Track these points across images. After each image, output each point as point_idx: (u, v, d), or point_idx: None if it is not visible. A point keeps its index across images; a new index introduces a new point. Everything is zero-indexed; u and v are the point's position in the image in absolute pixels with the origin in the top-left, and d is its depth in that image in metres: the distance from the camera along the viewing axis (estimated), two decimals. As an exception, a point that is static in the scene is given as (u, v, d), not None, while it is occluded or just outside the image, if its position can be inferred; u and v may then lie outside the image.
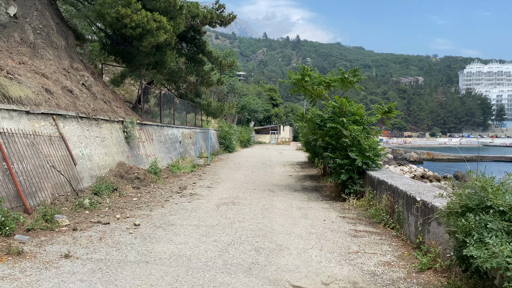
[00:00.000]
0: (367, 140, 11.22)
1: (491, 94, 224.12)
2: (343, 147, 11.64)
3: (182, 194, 11.78)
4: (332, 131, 11.58)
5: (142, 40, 15.38)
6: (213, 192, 12.37)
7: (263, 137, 69.02)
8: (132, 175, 12.60)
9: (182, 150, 22.25)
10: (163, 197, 11.24)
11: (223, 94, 50.56)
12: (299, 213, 9.55)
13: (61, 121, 10.36)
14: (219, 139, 36.65)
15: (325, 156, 15.67)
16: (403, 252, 6.39)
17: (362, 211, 9.73)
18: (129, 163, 13.59)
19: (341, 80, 12.24)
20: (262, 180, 16.08)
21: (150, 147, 16.76)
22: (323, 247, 6.66)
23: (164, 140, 19.32)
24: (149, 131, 17.39)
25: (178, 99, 26.94)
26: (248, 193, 12.48)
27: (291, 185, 14.67)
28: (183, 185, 13.41)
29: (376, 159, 11.22)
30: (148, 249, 6.32)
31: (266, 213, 9.37)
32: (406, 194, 7.25)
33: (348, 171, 11.10)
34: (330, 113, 12.29)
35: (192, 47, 27.35)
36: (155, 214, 8.98)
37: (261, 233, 7.50)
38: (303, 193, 12.83)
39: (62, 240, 6.60)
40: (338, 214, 9.52)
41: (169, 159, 19.03)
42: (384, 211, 8.32)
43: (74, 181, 9.88)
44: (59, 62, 12.74)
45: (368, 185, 10.65)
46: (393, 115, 11.84)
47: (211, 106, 31.93)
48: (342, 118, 11.15)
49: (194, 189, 12.87)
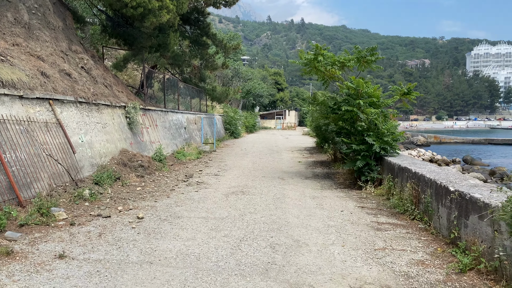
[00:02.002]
0: (385, 124, 10.50)
1: (499, 76, 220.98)
2: (358, 132, 10.93)
3: (189, 183, 11.16)
4: (347, 114, 10.85)
5: (144, 21, 14.61)
6: (221, 180, 11.74)
7: (268, 122, 68.24)
8: (136, 163, 11.98)
9: (187, 136, 21.61)
10: (169, 186, 10.62)
11: (227, 78, 49.67)
12: (314, 203, 8.90)
13: (58, 107, 9.70)
14: (225, 124, 35.97)
15: (337, 142, 14.98)
16: (435, 248, 5.73)
17: (381, 200, 9.06)
18: (132, 150, 12.97)
19: (357, 59, 11.45)
20: (271, 166, 15.43)
21: (154, 133, 16.11)
22: (345, 242, 6.02)
23: (169, 126, 18.67)
24: (153, 116, 16.72)
25: (182, 84, 26.22)
26: (257, 181, 11.85)
27: (302, 172, 14.01)
28: (189, 173, 12.79)
29: (394, 144, 10.51)
30: (152, 246, 5.69)
31: (278, 203, 8.73)
32: (435, 183, 6.56)
33: (365, 157, 10.41)
34: (344, 96, 11.54)
35: (196, 30, 26.54)
36: (160, 205, 8.37)
37: (275, 226, 6.87)
38: (315, 180, 12.17)
39: (58, 237, 5.99)
40: (356, 203, 8.87)
41: (174, 146, 18.40)
42: (408, 201, 7.64)
43: (73, 170, 9.26)
44: (56, 44, 12.03)
45: (386, 172, 9.96)
46: (412, 97, 11.07)
47: (216, 90, 31.18)
48: (358, 101, 10.40)
49: (201, 177, 12.25)
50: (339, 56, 11.91)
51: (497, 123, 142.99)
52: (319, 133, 17.50)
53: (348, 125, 11.66)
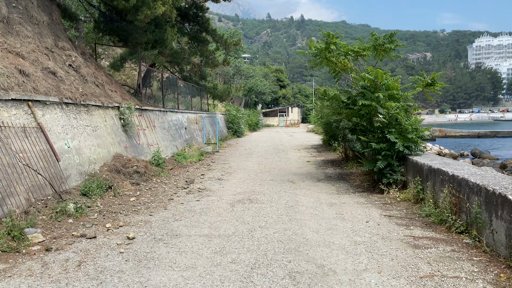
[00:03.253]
0: (408, 119, 9.33)
1: (501, 67, 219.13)
2: (377, 129, 9.78)
3: (189, 190, 10.02)
4: (364, 109, 9.68)
5: (138, 14, 13.48)
6: (225, 186, 10.61)
7: (271, 120, 67.09)
8: (131, 169, 10.86)
9: (188, 137, 20.48)
10: (167, 194, 9.49)
11: (229, 76, 48.53)
12: (332, 211, 7.76)
13: (40, 109, 8.58)
14: (227, 123, 34.85)
15: (349, 139, 13.82)
16: (496, 274, 4.58)
17: (409, 207, 7.91)
18: (127, 154, 11.85)
19: (373, 48, 10.29)
20: (278, 168, 14.29)
21: (152, 135, 15.00)
22: (381, 267, 4.87)
23: (168, 127, 17.54)
24: (151, 117, 15.60)
25: (182, 82, 25.11)
26: (265, 185, 10.71)
27: (312, 173, 12.87)
28: (190, 178, 11.67)
29: (419, 141, 9.34)
30: (142, 280, 4.56)
31: (291, 213, 7.60)
32: (485, 190, 5.40)
33: (386, 157, 9.25)
34: (359, 89, 10.39)
35: (194, 26, 25.45)
36: (156, 219, 7.24)
37: (292, 245, 5.73)
38: (328, 183, 11.03)
39: (27, 269, 4.86)
40: (381, 211, 7.72)
41: (174, 148, 17.28)
42: (446, 209, 6.49)
43: (57, 181, 8.14)
44: (40, 40, 10.91)
45: (412, 174, 8.80)
46: (437, 88, 9.89)
47: (217, 88, 30.04)
48: (377, 94, 9.23)
49: (203, 183, 11.12)
50: (352, 45, 10.75)
51: (500, 115, 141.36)
52: (328, 130, 16.30)
53: (364, 121, 10.51)
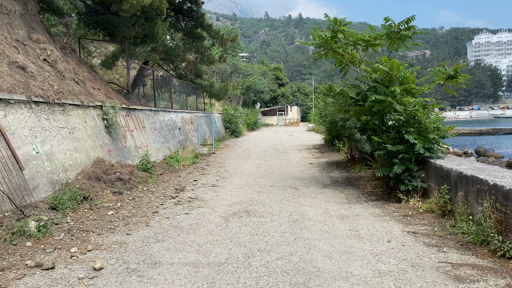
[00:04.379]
0: (429, 116, 8.11)
1: (501, 64, 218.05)
2: (392, 128, 8.57)
3: (178, 200, 8.79)
4: (377, 106, 8.45)
5: (122, 3, 12.25)
6: (219, 194, 9.38)
7: (270, 119, 65.87)
8: (113, 176, 9.63)
9: (182, 138, 19.24)
10: (152, 206, 8.25)
11: (226, 74, 47.27)
12: (345, 227, 6.55)
13: (1, 108, 7.34)
14: (225, 123, 33.61)
15: (357, 139, 12.62)
16: None
17: (435, 221, 6.69)
18: (110, 159, 10.62)
19: (387, 36, 9.07)
20: (279, 171, 13.07)
21: (141, 137, 13.76)
22: (421, 313, 3.66)
23: (160, 128, 16.31)
24: (140, 117, 14.36)
25: (176, 80, 23.89)
26: (265, 193, 9.49)
27: (317, 178, 11.66)
28: (181, 185, 10.44)
29: (441, 143, 8.13)
30: None
31: (297, 230, 6.39)
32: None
33: (403, 160, 8.03)
34: (370, 83, 9.18)
35: (189, 21, 24.24)
36: (133, 240, 6.00)
37: (299, 278, 4.51)
38: (336, 189, 9.81)
39: None
40: (403, 226, 6.51)
41: (167, 150, 16.05)
42: (489, 227, 5.27)
43: (19, 193, 6.91)
44: (10, 31, 9.67)
45: (434, 180, 7.59)
46: (460, 81, 8.66)
47: (214, 87, 28.80)
48: (393, 88, 8.00)
49: (195, 191, 9.89)
50: (362, 33, 9.53)
51: (500, 112, 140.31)
52: (333, 129, 15.03)
53: (377, 120, 9.30)
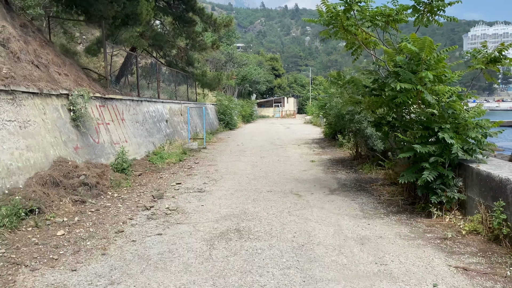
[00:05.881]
0: (469, 111, 6.43)
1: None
2: (421, 124, 6.89)
3: (153, 212, 7.06)
4: (401, 96, 6.76)
5: (95, -26, 10.43)
6: (206, 204, 7.67)
7: (266, 111, 64.07)
8: (76, 180, 7.88)
9: (170, 131, 17.47)
10: (118, 221, 6.52)
11: (220, 64, 45.30)
12: (369, 257, 4.88)
13: None
14: (218, 114, 31.81)
15: (367, 135, 10.93)
16: None
17: (487, 247, 5.04)
18: (76, 158, 8.87)
19: (414, 9, 7.34)
20: (277, 171, 11.40)
21: (119, 131, 12.00)
22: None
23: (143, 120, 14.53)
24: (119, 108, 12.59)
25: (166, 68, 22.09)
26: (262, 201, 7.80)
27: (321, 180, 9.99)
28: (160, 191, 8.71)
29: (484, 143, 6.46)
30: None
31: (305, 264, 4.71)
32: None
33: (435, 164, 6.36)
34: (390, 69, 7.48)
35: (180, 4, 22.41)
36: (76, 283, 4.29)
37: None
38: (346, 196, 8.14)
39: None
40: (445, 257, 4.85)
41: (150, 145, 14.30)
42: None
43: None
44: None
45: (477, 191, 5.92)
46: (505, 65, 6.98)
47: (206, 76, 26.97)
48: (424, 73, 6.29)
49: (176, 198, 8.17)
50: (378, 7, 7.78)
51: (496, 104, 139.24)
52: (338, 123, 13.25)
53: (398, 113, 7.62)
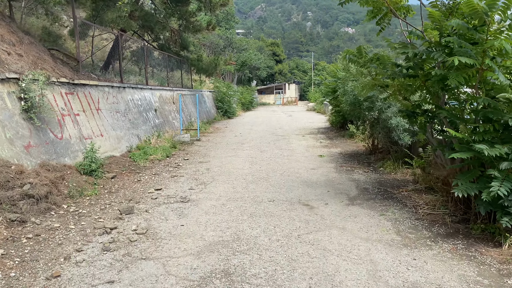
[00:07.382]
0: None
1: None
2: (483, 115, 4.96)
3: (113, 238, 5.15)
4: (455, 76, 4.81)
5: None
6: (187, 222, 5.76)
7: (266, 98, 61.92)
8: (17, 191, 5.99)
9: (159, 122, 15.51)
10: (59, 256, 4.61)
11: (219, 48, 43.03)
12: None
13: None
14: (216, 102, 29.80)
15: (392, 127, 8.97)
16: None
17: None
18: (26, 160, 6.96)
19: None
20: (280, 169, 9.50)
21: (92, 123, 10.07)
22: None
23: (126, 109, 12.58)
24: (93, 96, 10.63)
25: (159, 53, 20.10)
26: (261, 218, 5.90)
27: (335, 182, 8.09)
28: (131, 202, 6.80)
29: None
30: None
31: None
32: None
33: (507, 173, 4.45)
34: (436, 38, 5.52)
35: (171, -19, 20.30)
36: None
37: None
38: (371, 207, 6.24)
39: None
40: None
41: (134, 138, 12.37)
42: None
43: None
44: None
45: None
46: None
47: (202, 60, 24.89)
48: (498, 41, 4.35)
49: (150, 213, 6.26)
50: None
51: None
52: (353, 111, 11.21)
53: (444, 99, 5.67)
